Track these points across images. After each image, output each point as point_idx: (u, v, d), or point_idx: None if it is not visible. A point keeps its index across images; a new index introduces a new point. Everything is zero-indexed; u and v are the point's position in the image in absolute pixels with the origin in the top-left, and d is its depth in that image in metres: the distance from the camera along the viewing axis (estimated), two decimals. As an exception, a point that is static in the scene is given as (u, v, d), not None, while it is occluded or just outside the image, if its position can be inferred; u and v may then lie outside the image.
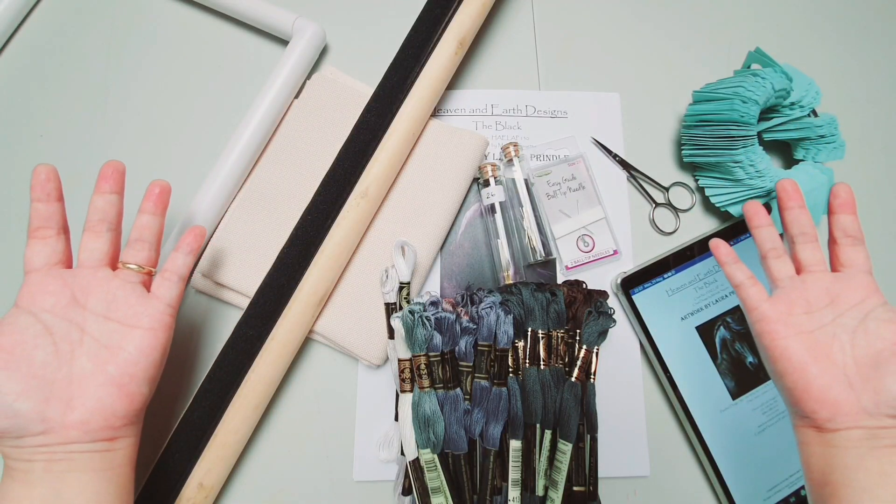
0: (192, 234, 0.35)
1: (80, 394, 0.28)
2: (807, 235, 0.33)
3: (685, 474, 0.40)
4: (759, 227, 0.35)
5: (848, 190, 0.34)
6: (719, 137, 0.41)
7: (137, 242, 0.33)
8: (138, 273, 0.32)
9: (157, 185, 0.34)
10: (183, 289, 0.33)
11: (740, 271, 0.33)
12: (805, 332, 0.30)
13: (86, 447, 0.28)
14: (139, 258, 0.32)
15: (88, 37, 0.48)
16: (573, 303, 0.38)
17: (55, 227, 0.31)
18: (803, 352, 0.30)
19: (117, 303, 0.31)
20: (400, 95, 0.41)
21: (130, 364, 0.29)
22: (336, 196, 0.40)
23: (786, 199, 0.34)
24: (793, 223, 0.34)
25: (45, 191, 0.31)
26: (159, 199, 0.34)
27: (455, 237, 0.43)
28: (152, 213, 0.34)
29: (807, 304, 0.31)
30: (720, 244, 0.35)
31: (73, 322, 0.29)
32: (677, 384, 0.40)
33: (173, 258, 0.33)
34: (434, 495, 0.35)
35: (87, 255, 0.32)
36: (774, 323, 0.31)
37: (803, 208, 0.34)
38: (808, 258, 0.33)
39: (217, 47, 0.48)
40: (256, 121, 0.41)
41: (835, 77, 0.49)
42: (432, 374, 0.36)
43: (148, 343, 0.30)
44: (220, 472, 0.35)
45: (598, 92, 0.48)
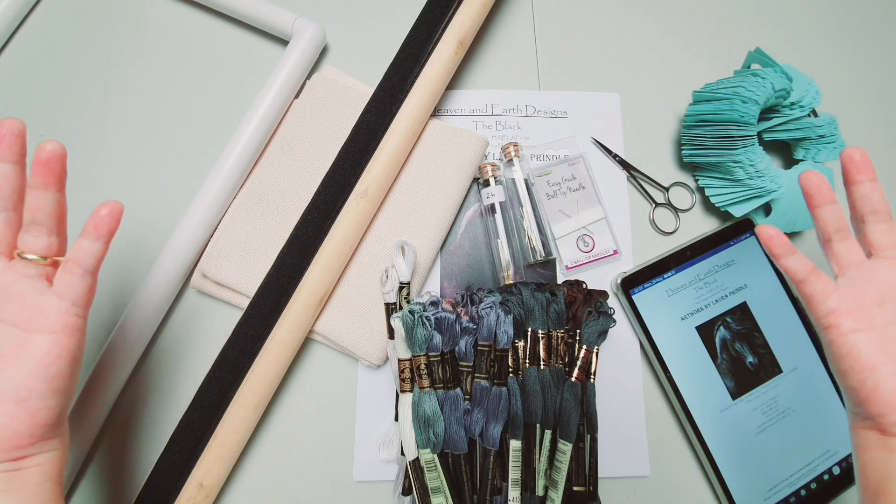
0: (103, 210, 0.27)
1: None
2: (879, 213, 0.29)
3: (685, 474, 0.40)
4: (822, 205, 0.29)
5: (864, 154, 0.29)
6: (719, 137, 0.41)
7: (32, 226, 0.26)
8: (38, 264, 0.26)
9: (45, 147, 0.26)
10: (92, 283, 0.27)
11: (802, 265, 0.29)
12: (877, 326, 0.27)
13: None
14: (37, 246, 0.26)
15: (88, 37, 0.48)
16: (573, 303, 0.38)
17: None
18: (874, 349, 0.26)
19: (10, 301, 0.26)
20: (400, 95, 0.41)
21: (29, 376, 0.25)
22: (336, 196, 0.40)
23: (854, 171, 0.29)
24: (863, 199, 0.29)
25: None
26: (47, 168, 0.26)
27: (455, 237, 0.43)
28: (42, 186, 0.26)
29: (879, 294, 0.28)
30: (773, 233, 0.30)
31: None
32: (677, 384, 0.40)
33: (77, 245, 0.27)
34: (434, 495, 0.35)
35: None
36: (842, 316, 0.27)
37: (875, 182, 0.29)
38: (881, 239, 0.28)
39: (217, 47, 0.48)
40: (256, 121, 0.41)
41: (835, 77, 0.49)
42: (432, 374, 0.36)
43: (51, 351, 0.25)
44: (220, 472, 0.35)
45: (598, 92, 0.48)
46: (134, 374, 0.39)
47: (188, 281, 0.40)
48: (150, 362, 0.39)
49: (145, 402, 0.39)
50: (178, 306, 0.41)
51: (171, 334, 0.40)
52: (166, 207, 0.43)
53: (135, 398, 0.39)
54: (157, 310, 0.38)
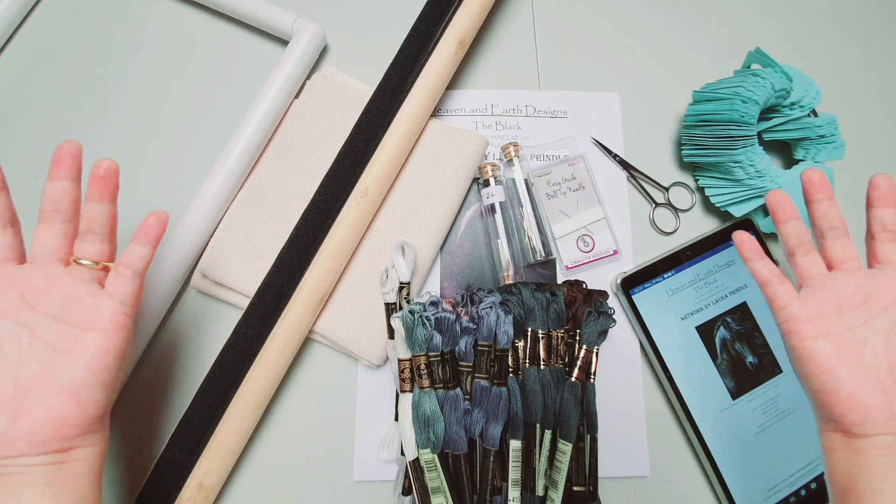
0: (152, 219, 0.31)
1: (27, 403, 0.26)
2: (837, 230, 0.31)
3: (685, 474, 0.40)
4: (786, 220, 0.32)
5: (889, 181, 0.31)
6: (719, 137, 0.41)
7: (88, 235, 0.30)
8: (91, 269, 0.29)
9: (101, 165, 0.30)
10: (140, 285, 0.30)
11: (766, 268, 0.31)
12: (835, 332, 0.29)
13: (37, 460, 0.26)
14: (91, 253, 0.29)
15: (88, 37, 0.48)
16: (573, 303, 0.38)
17: (1, 220, 0.28)
18: (832, 353, 0.28)
19: (70, 302, 0.28)
20: (400, 95, 0.41)
21: (82, 370, 0.27)
22: (336, 196, 0.40)
23: (813, 190, 0.32)
24: (822, 217, 0.31)
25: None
26: (105, 184, 0.30)
27: (455, 237, 0.43)
28: (98, 199, 0.30)
29: (837, 303, 0.29)
30: (744, 238, 0.32)
31: (21, 324, 0.27)
32: (677, 384, 0.40)
33: (129, 250, 0.30)
34: (434, 495, 0.35)
35: (39, 250, 0.29)
36: (803, 323, 0.29)
37: (832, 200, 0.31)
38: (840, 254, 0.31)
39: (217, 47, 0.48)
40: (256, 121, 0.41)
41: (835, 77, 0.49)
42: (432, 374, 0.36)
43: (101, 346, 0.28)
44: (220, 472, 0.35)
45: (598, 92, 0.48)
46: (134, 373, 0.39)
47: (188, 281, 0.40)
48: (150, 362, 0.39)
49: (145, 401, 0.39)
50: (178, 306, 0.41)
51: (171, 334, 0.40)
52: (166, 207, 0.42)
53: (135, 398, 0.39)
54: (157, 310, 0.38)
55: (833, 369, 0.28)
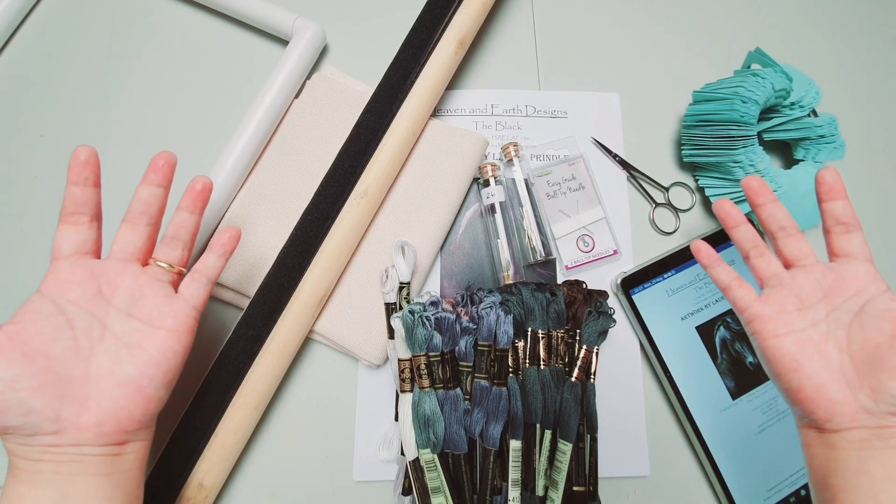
0: (227, 234, 0.33)
1: (95, 394, 0.27)
2: (786, 229, 0.32)
3: (685, 474, 0.40)
4: (736, 226, 0.33)
5: (834, 174, 0.31)
6: (719, 137, 0.41)
7: (173, 241, 0.31)
8: (169, 272, 0.31)
9: (200, 181, 0.33)
10: (210, 291, 0.32)
11: (725, 273, 0.32)
12: (797, 330, 0.29)
13: (97, 450, 0.27)
14: (172, 257, 0.31)
15: (88, 37, 0.48)
16: (573, 303, 0.38)
17: (89, 214, 0.29)
18: (796, 351, 0.28)
19: (143, 300, 0.29)
20: (400, 95, 0.41)
21: (150, 366, 0.28)
22: (336, 196, 0.40)
23: (754, 196, 0.33)
24: (769, 219, 0.32)
25: (82, 174, 0.29)
26: (200, 197, 0.32)
27: (455, 237, 0.43)
28: (191, 211, 0.32)
29: (798, 300, 0.30)
30: (701, 247, 0.34)
31: (95, 316, 0.28)
32: (677, 384, 0.40)
33: (205, 259, 0.32)
34: (434, 495, 0.35)
35: (121, 248, 0.30)
36: (765, 322, 0.30)
37: (775, 202, 0.32)
38: (794, 251, 0.32)
39: (217, 47, 0.48)
40: (256, 121, 0.41)
41: (835, 77, 0.49)
42: (432, 374, 0.36)
43: (170, 345, 0.29)
44: (220, 472, 0.35)
45: (598, 92, 0.48)
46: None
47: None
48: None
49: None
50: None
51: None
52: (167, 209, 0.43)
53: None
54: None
55: (798, 367, 0.28)
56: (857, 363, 0.28)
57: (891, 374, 0.26)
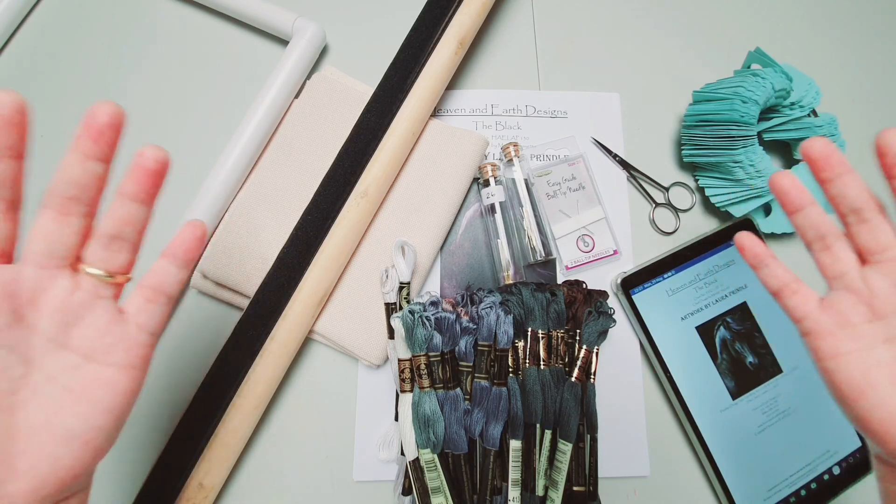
0: (191, 233, 0.25)
1: (28, 454, 0.20)
2: (860, 212, 0.25)
3: (685, 474, 0.40)
4: (796, 210, 0.26)
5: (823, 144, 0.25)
6: (719, 137, 0.41)
7: (115, 241, 0.23)
8: (109, 283, 0.23)
9: (151, 155, 0.23)
10: (171, 312, 0.25)
11: (774, 277, 0.26)
12: (863, 347, 0.24)
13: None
14: (113, 262, 0.23)
15: (88, 37, 0.48)
16: (573, 303, 0.38)
17: (5, 199, 0.21)
18: (859, 375, 0.23)
19: (80, 326, 0.22)
20: (400, 95, 0.41)
21: (99, 414, 0.21)
22: (336, 196, 0.40)
23: (821, 168, 0.25)
24: (838, 198, 0.25)
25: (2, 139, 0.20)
26: (152, 180, 0.23)
27: (455, 237, 0.43)
28: (140, 199, 0.23)
29: (869, 309, 0.24)
30: (747, 241, 0.27)
31: (14, 350, 0.20)
32: (677, 384, 0.40)
33: (164, 271, 0.24)
34: (434, 495, 0.35)
35: (44, 249, 0.21)
36: (823, 337, 0.24)
37: (847, 174, 0.25)
38: (870, 242, 0.25)
39: (217, 47, 0.48)
40: (256, 121, 0.41)
41: (835, 77, 0.49)
42: (432, 374, 0.36)
43: (123, 386, 0.22)
44: (220, 472, 0.35)
45: (598, 92, 0.48)
46: (134, 374, 0.39)
47: (188, 281, 0.40)
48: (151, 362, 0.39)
49: (145, 402, 0.39)
50: (179, 306, 0.41)
51: (171, 334, 0.40)
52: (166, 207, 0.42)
53: (135, 398, 0.39)
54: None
55: (860, 395, 0.23)
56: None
57: None
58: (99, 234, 0.23)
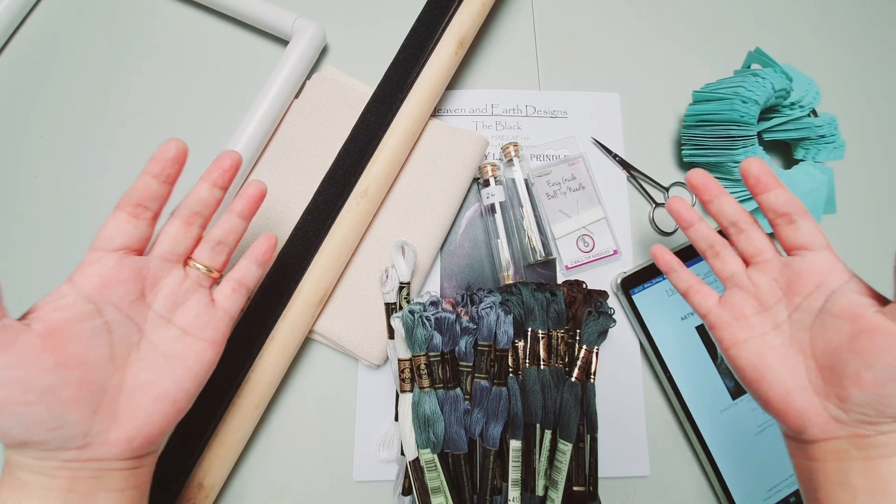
0: (267, 243, 0.32)
1: (129, 407, 0.25)
2: (738, 224, 0.29)
3: (685, 474, 0.40)
4: (688, 226, 0.31)
5: (758, 164, 0.28)
6: (719, 137, 0.41)
7: (219, 245, 0.30)
8: (206, 276, 0.29)
9: (256, 186, 0.31)
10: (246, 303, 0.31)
11: (682, 280, 0.31)
12: (757, 335, 0.27)
13: (120, 465, 0.24)
14: (216, 262, 0.30)
15: (88, 37, 0.48)
16: (573, 303, 0.38)
17: (154, 210, 0.28)
18: (756, 359, 0.26)
19: (185, 307, 0.28)
20: (400, 95, 0.41)
21: (188, 379, 0.27)
22: (336, 196, 0.40)
23: (702, 192, 0.30)
24: (719, 215, 0.30)
25: (166, 170, 0.28)
26: (255, 203, 0.31)
27: (455, 237, 0.43)
28: (244, 217, 0.31)
29: (756, 302, 0.28)
30: (661, 252, 0.32)
31: (133, 321, 0.26)
32: (677, 384, 0.40)
33: (246, 269, 0.31)
34: (434, 495, 0.35)
35: (169, 247, 0.28)
36: (724, 329, 0.28)
37: (723, 196, 0.30)
38: (748, 248, 0.29)
39: (217, 47, 0.48)
40: (256, 121, 0.41)
41: (835, 77, 0.49)
42: (432, 374, 0.36)
43: (208, 357, 0.28)
44: (220, 472, 0.35)
45: (598, 92, 0.48)
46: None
47: None
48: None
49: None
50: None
51: (171, 334, 0.40)
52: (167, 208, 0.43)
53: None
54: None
55: (760, 376, 0.26)
56: (821, 369, 0.25)
57: (853, 381, 0.23)
58: (209, 238, 0.30)
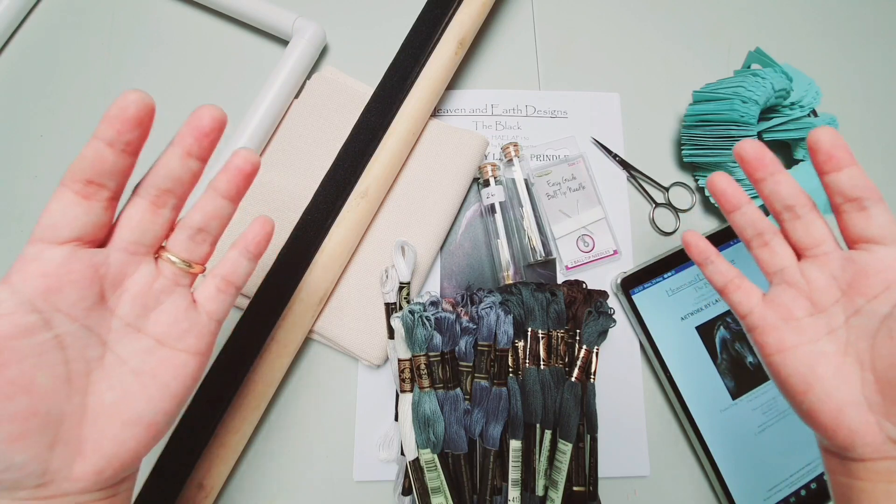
0: (260, 228, 0.26)
1: (94, 435, 0.21)
2: (794, 208, 0.25)
3: (685, 474, 0.40)
4: (732, 210, 0.26)
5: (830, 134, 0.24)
6: (719, 137, 0.41)
7: (200, 233, 0.24)
8: (187, 273, 0.24)
9: (247, 158, 0.24)
10: (234, 304, 0.26)
11: (718, 273, 0.27)
12: (808, 340, 0.24)
13: (90, 497, 0.21)
14: (196, 253, 0.24)
15: (88, 37, 0.48)
16: (573, 303, 0.38)
17: (111, 189, 0.21)
18: (804, 369, 0.24)
19: (158, 312, 0.23)
20: (400, 95, 0.41)
21: (166, 399, 0.22)
22: (336, 196, 0.40)
23: (752, 169, 0.26)
24: (771, 196, 0.25)
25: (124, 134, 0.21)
26: (244, 180, 0.24)
27: (455, 237, 0.43)
28: (231, 197, 0.24)
29: (809, 302, 0.24)
30: (695, 240, 0.28)
31: (93, 332, 0.21)
32: (677, 384, 0.40)
33: (235, 263, 0.25)
34: (434, 495, 0.35)
35: (134, 236, 0.22)
36: (767, 333, 0.25)
37: (779, 173, 0.25)
38: (804, 237, 0.25)
39: (217, 47, 0.48)
40: (256, 121, 0.41)
41: (835, 77, 0.49)
42: (432, 374, 0.36)
43: (190, 371, 0.23)
44: (220, 472, 0.35)
45: (598, 92, 0.48)
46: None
47: None
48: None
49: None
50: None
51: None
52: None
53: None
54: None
55: (807, 388, 0.23)
56: (881, 383, 0.22)
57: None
58: (185, 224, 0.24)
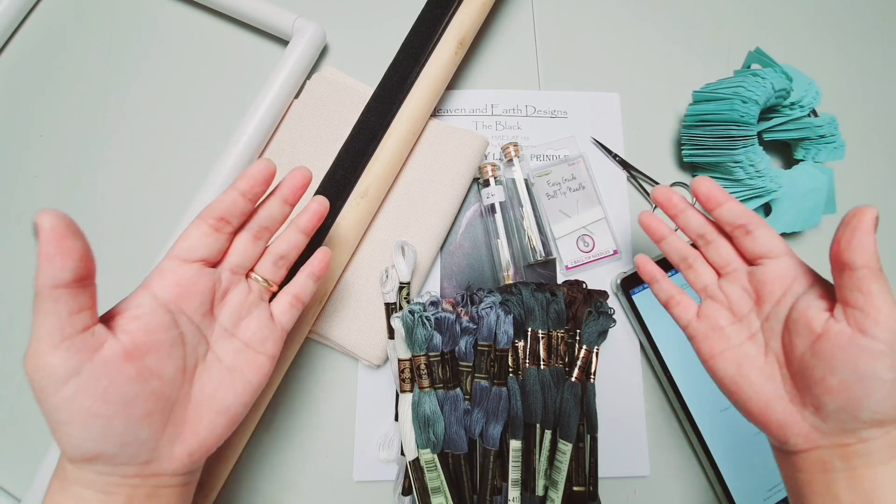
0: (323, 257, 0.31)
1: (193, 420, 0.24)
2: (704, 236, 0.30)
3: (685, 474, 0.40)
4: (660, 239, 0.32)
5: (705, 182, 0.29)
6: (719, 137, 0.41)
7: (281, 260, 0.30)
8: (268, 290, 0.29)
9: (320, 202, 0.30)
10: None
11: (663, 290, 0.31)
12: (733, 345, 0.27)
13: (176, 480, 0.24)
14: (276, 276, 0.29)
15: (88, 37, 0.48)
16: (573, 303, 0.38)
17: (235, 226, 0.27)
18: (733, 371, 0.26)
19: (248, 321, 0.28)
20: (400, 95, 0.41)
21: (248, 393, 0.26)
22: (336, 196, 0.40)
23: (666, 209, 0.31)
24: (686, 228, 0.31)
25: (254, 188, 0.27)
26: (317, 220, 0.30)
27: (455, 237, 0.43)
28: (307, 233, 0.30)
29: (730, 312, 0.28)
30: (644, 263, 0.32)
31: (202, 333, 0.26)
32: (677, 384, 0.40)
33: (303, 283, 0.30)
34: (434, 495, 0.35)
35: (239, 261, 0.28)
36: (701, 341, 0.28)
37: (687, 210, 0.31)
38: (716, 259, 0.30)
39: (217, 47, 0.48)
40: (256, 121, 0.41)
41: (835, 77, 0.49)
42: (432, 374, 0.36)
43: (267, 371, 0.27)
44: (220, 471, 0.35)
45: (598, 92, 0.48)
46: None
47: None
48: None
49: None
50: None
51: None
52: (167, 208, 0.43)
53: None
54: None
55: (737, 388, 0.26)
56: (794, 377, 0.25)
57: (823, 388, 0.23)
58: (272, 252, 0.30)
